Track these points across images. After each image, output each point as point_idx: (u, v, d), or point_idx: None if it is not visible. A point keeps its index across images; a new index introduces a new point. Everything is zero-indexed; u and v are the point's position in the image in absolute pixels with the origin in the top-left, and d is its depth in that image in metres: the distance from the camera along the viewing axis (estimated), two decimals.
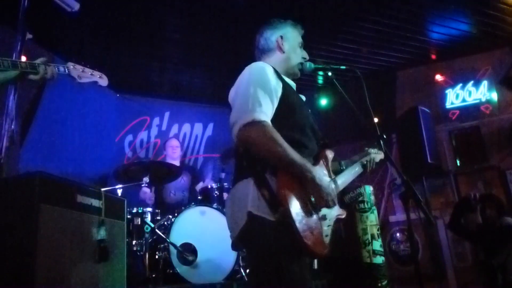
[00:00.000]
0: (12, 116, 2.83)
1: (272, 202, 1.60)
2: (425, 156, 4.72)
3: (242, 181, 1.73)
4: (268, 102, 1.73)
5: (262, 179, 1.65)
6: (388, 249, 5.06)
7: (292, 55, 2.06)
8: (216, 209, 3.79)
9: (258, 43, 2.11)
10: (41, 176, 2.15)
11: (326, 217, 1.74)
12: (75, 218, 2.34)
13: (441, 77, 6.24)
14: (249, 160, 1.73)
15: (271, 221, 1.59)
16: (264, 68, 1.84)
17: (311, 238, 1.60)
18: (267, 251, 1.62)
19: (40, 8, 3.04)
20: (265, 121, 1.66)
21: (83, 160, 5.16)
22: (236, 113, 1.72)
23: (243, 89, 1.78)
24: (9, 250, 2.04)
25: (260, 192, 1.63)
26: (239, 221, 1.68)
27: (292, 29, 2.12)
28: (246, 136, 1.65)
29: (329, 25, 5.01)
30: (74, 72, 2.45)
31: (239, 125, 1.66)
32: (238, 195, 1.73)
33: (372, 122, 1.98)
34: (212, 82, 6.20)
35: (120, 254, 2.73)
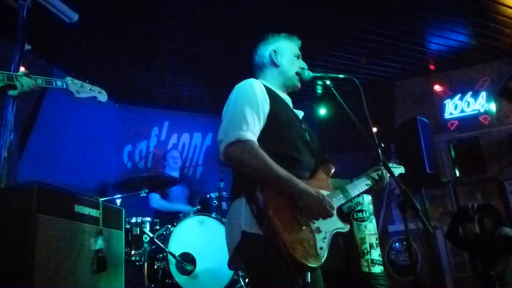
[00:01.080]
0: (10, 126, 2.83)
1: (259, 216, 1.63)
2: (423, 166, 4.72)
3: (236, 200, 1.78)
4: (254, 119, 1.77)
5: (252, 196, 1.68)
6: (387, 259, 5.03)
7: (288, 67, 2.07)
8: (215, 219, 3.78)
9: (254, 61, 2.14)
10: (39, 186, 2.15)
11: (320, 230, 1.74)
12: (73, 228, 2.34)
13: (440, 88, 6.26)
14: (241, 178, 1.78)
15: (262, 236, 1.62)
16: (252, 85, 1.86)
17: (300, 251, 1.60)
18: (262, 267, 1.65)
19: (38, 19, 3.05)
20: (249, 140, 1.70)
21: (82, 171, 5.15)
22: (222, 131, 1.78)
23: (230, 107, 1.83)
24: (7, 261, 2.03)
25: (250, 208, 1.67)
26: (233, 240, 1.72)
27: (287, 42, 2.13)
28: (231, 154, 1.71)
29: (328, 35, 5.04)
30: (73, 87, 2.45)
31: (225, 144, 1.72)
32: (233, 215, 1.78)
33: (371, 132, 1.99)
34: (211, 92, 6.22)
35: (118, 264, 2.72)
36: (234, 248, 1.73)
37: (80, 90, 2.48)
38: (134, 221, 3.76)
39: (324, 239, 1.74)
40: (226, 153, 1.72)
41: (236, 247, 1.71)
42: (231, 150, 1.70)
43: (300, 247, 1.61)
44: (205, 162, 6.48)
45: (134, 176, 4.12)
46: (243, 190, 1.74)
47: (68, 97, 2.59)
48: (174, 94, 6.24)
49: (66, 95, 2.59)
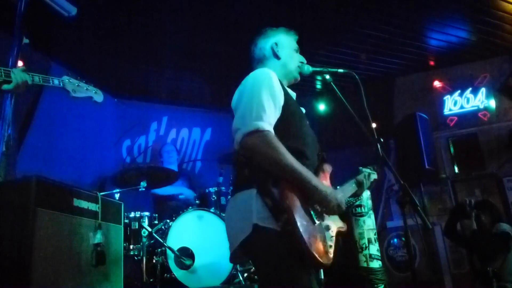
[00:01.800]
0: (8, 121, 2.82)
1: (276, 210, 1.59)
2: (422, 162, 4.73)
3: (243, 191, 1.71)
4: (272, 109, 1.72)
5: (265, 188, 1.63)
6: (385, 254, 5.04)
7: (289, 60, 2.06)
8: (213, 214, 3.78)
9: (253, 54, 2.12)
10: (37, 179, 2.15)
11: (329, 228, 1.73)
12: (72, 222, 2.34)
13: (440, 84, 6.26)
14: (251, 169, 1.71)
15: (277, 231, 1.57)
16: (269, 73, 1.83)
17: (316, 248, 1.58)
18: (275, 262, 1.60)
19: (36, 13, 3.03)
20: (268, 130, 1.65)
21: (80, 165, 5.14)
22: (240, 120, 1.70)
23: (247, 94, 1.76)
24: (5, 254, 2.03)
25: (263, 201, 1.62)
26: (240, 233, 1.65)
27: (286, 36, 2.12)
28: (249, 144, 1.64)
29: (328, 31, 5.03)
30: (69, 86, 2.44)
31: (242, 133, 1.65)
32: (240, 205, 1.71)
33: (370, 127, 1.98)
34: (210, 87, 6.21)
35: (117, 258, 2.72)
36: (241, 242, 1.66)
37: (77, 89, 2.47)
38: (132, 215, 3.75)
39: (332, 237, 1.74)
40: (243, 142, 1.64)
41: (243, 241, 1.65)
42: (249, 140, 1.63)
43: (315, 244, 1.59)
44: (204, 157, 6.48)
45: (132, 168, 4.13)
46: (254, 182, 1.68)
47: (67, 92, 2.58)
48: (173, 89, 6.23)
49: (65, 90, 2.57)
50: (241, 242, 1.65)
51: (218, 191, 4.17)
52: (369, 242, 3.17)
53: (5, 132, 2.77)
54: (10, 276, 2.01)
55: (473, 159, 5.86)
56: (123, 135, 6.00)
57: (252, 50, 2.13)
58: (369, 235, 3.26)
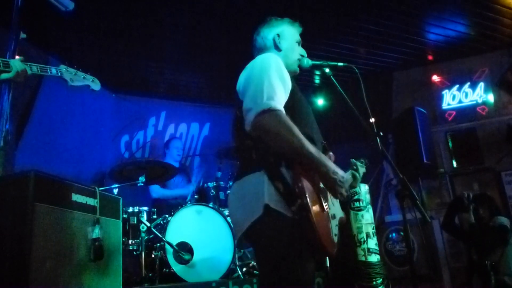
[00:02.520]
0: (6, 116, 2.82)
1: (288, 195, 1.54)
2: (421, 157, 4.74)
3: (252, 174, 1.66)
4: (282, 90, 1.69)
5: (276, 172, 1.59)
6: (383, 249, 5.06)
7: (290, 52, 2.04)
8: (212, 208, 3.79)
9: (255, 42, 2.10)
10: (35, 174, 2.14)
11: (335, 216, 1.73)
12: (70, 216, 2.34)
13: (438, 78, 6.26)
14: (259, 153, 1.66)
15: (287, 217, 1.54)
16: (277, 58, 1.81)
17: (325, 236, 1.57)
18: (281, 248, 1.57)
19: (34, 7, 3.02)
20: (280, 110, 1.61)
21: (79, 161, 5.14)
22: (251, 99, 1.65)
23: (256, 75, 1.72)
24: (4, 249, 2.03)
25: (274, 185, 1.58)
26: (250, 214, 1.60)
27: (290, 27, 2.10)
28: (262, 123, 1.58)
29: (326, 25, 5.02)
30: (67, 75, 2.45)
31: (255, 112, 1.60)
32: (250, 187, 1.65)
33: (369, 122, 1.98)
34: (208, 82, 6.20)
35: (115, 252, 2.72)
36: (250, 224, 1.60)
37: (74, 78, 2.48)
38: (131, 210, 3.75)
39: (336, 226, 1.74)
40: (256, 122, 1.58)
41: (253, 223, 1.59)
42: (262, 119, 1.57)
43: (324, 232, 1.57)
44: (203, 152, 6.47)
45: (131, 163, 4.12)
46: (263, 166, 1.63)
47: (65, 87, 2.58)
48: (171, 84, 6.21)
49: (63, 85, 2.58)
50: (251, 224, 1.60)
51: (216, 186, 4.17)
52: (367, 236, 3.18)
53: (3, 127, 2.77)
54: (9, 271, 2.01)
55: (472, 154, 5.86)
56: (122, 130, 5.99)
57: (254, 39, 2.10)
58: (368, 229, 3.26)
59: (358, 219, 3.17)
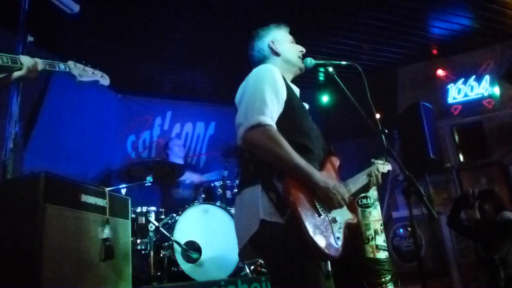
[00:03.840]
0: (15, 118, 2.86)
1: (280, 204, 1.60)
2: (427, 152, 4.73)
3: (249, 187, 1.73)
4: (275, 104, 1.73)
5: (269, 183, 1.65)
6: (391, 245, 5.06)
7: (289, 53, 2.07)
8: (219, 207, 3.81)
9: (253, 57, 2.12)
10: (46, 176, 2.17)
11: (336, 220, 1.74)
12: (80, 217, 2.37)
13: (443, 72, 6.23)
14: (255, 165, 1.73)
15: (283, 224, 1.59)
16: (272, 69, 1.85)
17: (322, 240, 1.59)
18: (283, 255, 1.62)
19: (40, 11, 3.06)
20: (270, 124, 1.66)
21: (86, 161, 5.18)
22: (242, 114, 1.72)
23: (250, 90, 1.78)
24: (16, 250, 2.06)
25: (268, 196, 1.64)
26: (249, 229, 1.67)
27: (278, 30, 2.13)
28: (251, 138, 1.65)
29: (328, 21, 5.01)
30: (75, 70, 2.42)
31: (244, 127, 1.66)
32: (247, 202, 1.73)
33: (374, 118, 1.99)
34: (213, 81, 6.22)
35: (125, 252, 2.75)
36: (249, 238, 1.67)
37: (83, 73, 2.45)
38: (139, 210, 3.78)
39: (340, 229, 1.75)
40: (245, 137, 1.65)
41: (252, 237, 1.66)
42: (251, 134, 1.64)
43: (322, 237, 1.60)
44: (208, 151, 6.50)
45: (138, 163, 4.15)
46: (259, 178, 1.69)
47: (72, 88, 2.59)
48: (176, 84, 6.24)
49: (70, 86, 2.58)
50: (250, 238, 1.67)
51: (223, 184, 4.19)
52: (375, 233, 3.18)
53: (12, 130, 2.81)
54: (21, 271, 2.04)
55: (478, 148, 5.84)
56: (128, 131, 6.02)
57: (251, 55, 2.13)
58: (375, 226, 3.27)
59: (366, 216, 3.18)
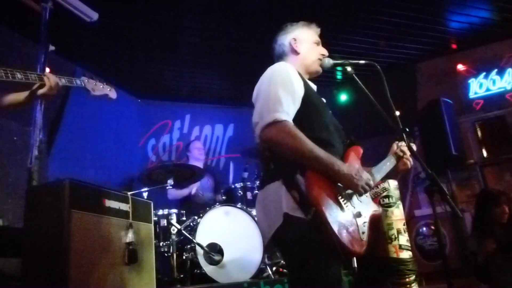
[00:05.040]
0: (39, 126, 2.93)
1: (303, 203, 1.59)
2: (449, 148, 4.65)
3: (271, 184, 1.74)
4: (289, 101, 1.74)
5: (291, 181, 1.65)
6: (414, 244, 4.99)
7: (308, 54, 2.07)
8: (240, 209, 3.82)
9: (274, 50, 2.15)
10: (70, 182, 2.21)
11: (361, 214, 1.73)
12: (104, 222, 2.41)
13: (463, 67, 6.12)
14: (276, 163, 1.74)
15: (306, 220, 1.58)
16: (286, 67, 1.86)
17: (347, 237, 1.58)
18: (304, 252, 1.62)
19: (60, 20, 3.12)
20: (286, 120, 1.67)
21: (108, 166, 5.27)
22: (258, 113, 1.74)
23: (264, 89, 1.80)
24: (45, 253, 2.12)
25: (290, 194, 1.63)
26: (273, 223, 1.68)
27: (305, 29, 2.14)
28: (268, 136, 1.67)
29: (344, 20, 4.98)
30: (89, 85, 2.55)
31: (261, 125, 1.68)
32: (270, 197, 1.73)
33: (394, 116, 1.97)
34: (230, 83, 6.25)
35: (148, 255, 2.78)
36: (274, 231, 1.68)
37: (95, 88, 2.59)
38: (161, 213, 3.83)
39: (365, 223, 1.74)
40: (262, 135, 1.68)
41: (275, 232, 1.66)
42: (268, 131, 1.66)
43: (346, 233, 1.59)
44: (228, 153, 6.53)
45: (158, 166, 4.20)
46: (281, 175, 1.70)
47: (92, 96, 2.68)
48: (193, 87, 6.29)
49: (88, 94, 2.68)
50: (274, 232, 1.67)
51: (243, 186, 4.21)
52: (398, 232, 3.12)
53: (37, 137, 2.88)
54: (51, 273, 2.09)
55: (502, 143, 5.70)
56: (148, 135, 6.11)
57: (273, 47, 2.15)
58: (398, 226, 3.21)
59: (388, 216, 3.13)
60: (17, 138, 4.06)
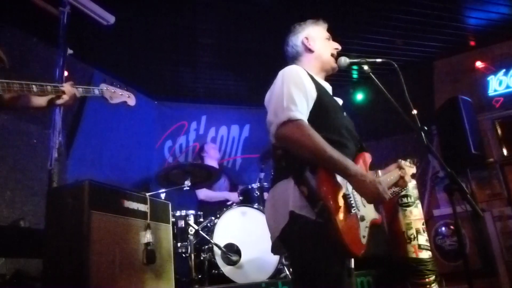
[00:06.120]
0: (58, 129, 2.99)
1: (311, 197, 1.60)
2: (468, 147, 4.57)
3: (281, 181, 1.75)
4: (302, 101, 1.75)
5: (301, 177, 1.65)
6: (433, 244, 4.92)
7: (323, 50, 2.08)
8: (257, 209, 3.83)
9: (287, 53, 2.15)
10: (90, 184, 2.25)
11: (364, 218, 1.73)
12: (123, 222, 2.44)
13: (482, 64, 6.00)
14: (288, 161, 1.74)
15: (312, 220, 1.59)
16: (297, 70, 1.87)
17: (349, 237, 1.59)
18: (309, 252, 1.62)
19: (78, 24, 3.18)
20: (300, 119, 1.68)
21: (126, 167, 5.33)
22: (272, 113, 1.75)
23: (277, 90, 1.81)
24: (65, 254, 2.15)
25: (299, 189, 1.64)
26: (280, 221, 1.69)
27: (314, 26, 2.14)
28: (283, 134, 1.68)
29: (359, 18, 4.94)
30: (107, 94, 2.54)
31: (276, 124, 1.69)
32: (279, 196, 1.75)
33: (412, 115, 1.95)
34: (245, 84, 6.25)
35: (167, 256, 2.81)
36: (280, 230, 1.69)
37: (113, 95, 2.58)
38: (178, 214, 3.86)
39: (366, 228, 1.74)
40: (277, 133, 1.69)
41: (282, 230, 1.68)
42: (283, 130, 1.67)
43: (349, 233, 1.60)
44: (244, 154, 6.54)
45: (175, 167, 4.23)
46: (291, 172, 1.71)
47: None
48: (209, 88, 6.32)
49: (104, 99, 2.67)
50: (280, 231, 1.69)
51: (260, 186, 4.21)
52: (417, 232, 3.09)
53: (57, 140, 2.94)
54: (70, 276, 2.13)
55: None
56: (165, 136, 6.16)
57: (285, 50, 2.16)
58: (417, 225, 3.18)
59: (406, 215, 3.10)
60: (36, 141, 4.13)
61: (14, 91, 2.03)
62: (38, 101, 2.24)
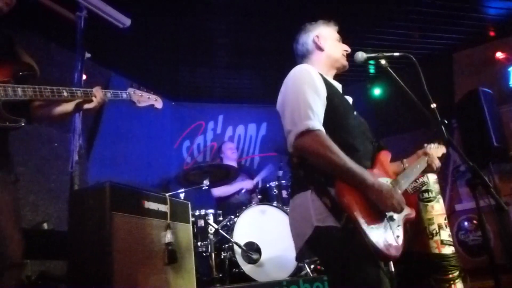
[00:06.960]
0: (78, 131, 3.03)
1: (335, 209, 1.58)
2: (490, 140, 4.48)
3: (300, 193, 1.73)
4: (318, 105, 1.73)
5: (322, 188, 1.64)
6: (456, 239, 4.83)
7: (333, 49, 2.06)
8: (276, 207, 3.83)
9: (296, 51, 2.13)
10: (111, 185, 2.28)
11: (394, 218, 1.70)
12: (144, 223, 2.47)
13: (503, 55, 5.86)
14: (306, 170, 1.72)
15: (338, 228, 1.57)
16: (308, 69, 1.84)
17: (382, 241, 1.56)
18: (341, 259, 1.61)
19: (95, 28, 3.22)
20: (319, 129, 1.66)
21: (145, 168, 5.39)
22: (289, 120, 1.72)
23: (291, 95, 1.78)
24: (89, 255, 2.19)
25: (321, 201, 1.63)
26: (302, 235, 1.68)
27: (325, 27, 2.12)
28: (302, 146, 1.66)
29: (376, 12, 4.88)
30: (135, 97, 2.53)
31: (294, 134, 1.67)
32: (299, 209, 1.73)
33: (431, 109, 1.92)
34: (261, 82, 6.25)
35: (188, 255, 2.83)
36: (304, 242, 1.68)
37: (141, 99, 2.56)
38: (198, 213, 3.89)
39: (398, 226, 1.71)
40: (296, 144, 1.67)
41: (307, 241, 1.67)
42: (302, 141, 1.65)
43: (381, 238, 1.57)
44: (262, 152, 6.54)
45: (194, 167, 4.26)
46: (310, 183, 1.69)
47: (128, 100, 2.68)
48: (225, 88, 6.34)
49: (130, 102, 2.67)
50: (305, 242, 1.68)
51: (278, 185, 4.20)
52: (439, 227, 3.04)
53: (77, 143, 2.98)
54: (94, 276, 2.16)
55: None
56: (182, 136, 6.21)
57: (295, 48, 2.14)
58: (439, 221, 3.12)
59: (428, 211, 3.05)
60: (57, 144, 4.21)
61: (45, 97, 2.04)
62: (65, 107, 2.22)
